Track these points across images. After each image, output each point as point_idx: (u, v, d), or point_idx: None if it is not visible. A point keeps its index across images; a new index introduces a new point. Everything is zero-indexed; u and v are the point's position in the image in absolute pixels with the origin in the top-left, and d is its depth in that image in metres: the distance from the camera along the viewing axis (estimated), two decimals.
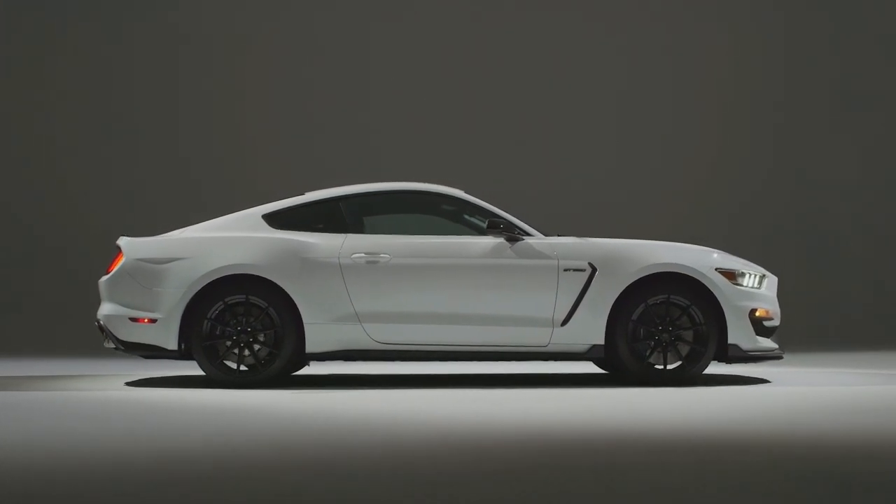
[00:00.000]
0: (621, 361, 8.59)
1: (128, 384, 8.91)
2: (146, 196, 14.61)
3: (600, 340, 8.55)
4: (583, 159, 14.99)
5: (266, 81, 15.03)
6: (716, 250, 8.98)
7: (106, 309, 8.68)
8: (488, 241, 8.65)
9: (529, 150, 15.03)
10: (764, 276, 8.91)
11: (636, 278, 8.56)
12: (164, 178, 14.71)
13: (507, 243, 8.64)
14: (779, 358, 8.91)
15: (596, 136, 15.08)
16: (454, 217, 8.93)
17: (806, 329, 12.81)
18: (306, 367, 10.05)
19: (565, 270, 8.59)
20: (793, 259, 14.47)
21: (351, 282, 8.55)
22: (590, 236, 8.85)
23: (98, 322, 8.76)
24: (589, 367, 10.07)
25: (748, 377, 9.41)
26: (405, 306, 8.53)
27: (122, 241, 8.80)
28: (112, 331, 8.63)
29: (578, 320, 8.54)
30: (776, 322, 8.87)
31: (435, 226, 8.93)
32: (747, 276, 8.77)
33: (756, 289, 8.78)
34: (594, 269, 8.58)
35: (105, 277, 8.75)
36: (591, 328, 8.54)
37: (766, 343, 8.73)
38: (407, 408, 7.42)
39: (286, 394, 8.17)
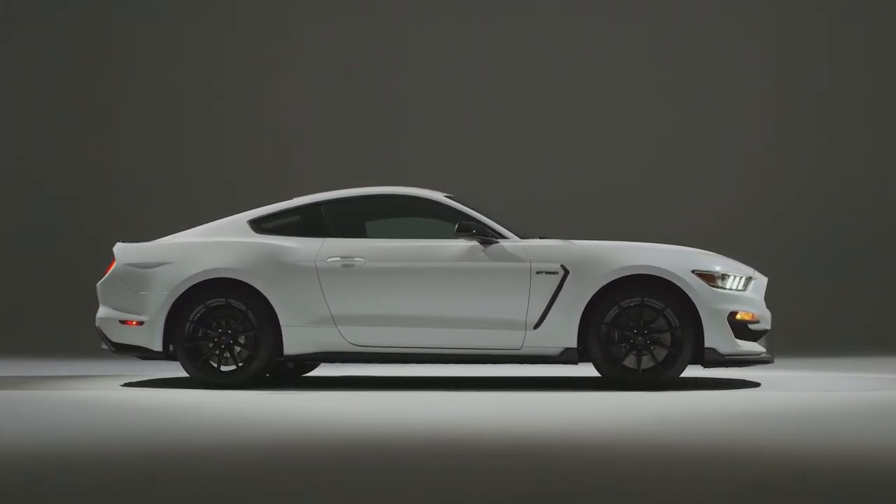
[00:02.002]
0: (595, 365, 8.52)
1: (124, 385, 9.24)
2: (167, 197, 14.95)
3: (573, 344, 8.48)
4: (614, 165, 14.80)
5: (302, 83, 15.26)
6: (700, 251, 8.81)
7: (100, 312, 9.04)
8: (462, 244, 8.67)
9: (565, 154, 14.90)
10: (751, 278, 8.68)
11: (608, 281, 8.47)
12: (191, 180, 15.05)
13: (480, 246, 8.64)
14: (767, 362, 8.68)
15: (632, 142, 14.86)
16: (435, 220, 8.97)
17: (829, 332, 12.42)
18: (317, 368, 10.25)
19: (538, 273, 8.55)
20: (821, 264, 14.03)
21: (327, 285, 8.69)
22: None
23: (96, 325, 9.13)
24: (570, 371, 9.96)
25: (736, 381, 9.18)
26: (379, 309, 8.63)
27: (116, 247, 9.15)
28: (105, 333, 8.98)
29: (551, 323, 8.49)
30: (764, 325, 8.63)
31: (419, 229, 9.00)
32: (731, 278, 8.56)
33: (740, 291, 8.56)
34: (566, 272, 8.52)
35: (100, 282, 9.11)
36: (563, 331, 8.48)
37: (750, 347, 8.51)
38: (379, 409, 7.53)
39: (266, 394, 8.35)
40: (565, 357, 8.52)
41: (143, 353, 8.88)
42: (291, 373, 9.91)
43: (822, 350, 11.68)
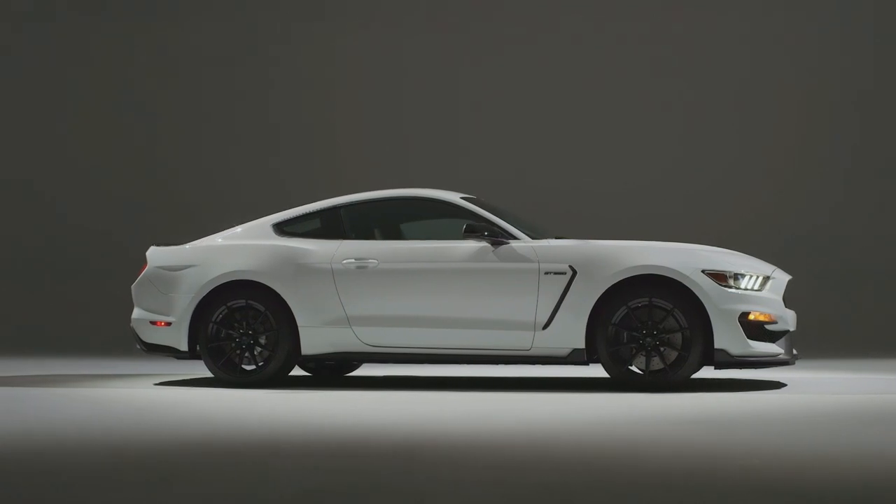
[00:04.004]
0: (603, 365, 8.46)
1: (157, 384, 9.56)
2: (219, 202, 15.22)
3: (581, 344, 8.44)
4: (648, 162, 14.54)
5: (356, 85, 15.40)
6: (716, 249, 8.67)
7: (134, 313, 9.39)
8: (472, 245, 8.71)
9: (601, 153, 14.70)
10: (768, 277, 8.49)
11: (615, 281, 8.40)
12: (244, 185, 15.30)
13: (490, 247, 8.67)
14: (785, 363, 8.49)
15: (671, 138, 14.58)
16: (452, 221, 9.03)
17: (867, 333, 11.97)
18: (360, 368, 10.42)
19: (546, 273, 8.53)
20: (860, 263, 13.53)
21: (342, 286, 8.84)
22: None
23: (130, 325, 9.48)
24: (579, 371, 9.86)
25: (760, 382, 8.97)
26: (391, 310, 8.74)
27: (149, 251, 9.48)
28: (138, 333, 9.33)
29: (559, 324, 8.47)
30: (783, 326, 8.44)
31: (437, 231, 9.08)
32: (745, 277, 8.39)
33: (755, 291, 8.39)
34: (574, 272, 8.48)
35: (133, 284, 9.46)
36: (571, 332, 8.45)
37: (764, 348, 8.33)
38: (391, 409, 7.65)
39: (282, 393, 8.55)
40: (574, 358, 8.49)
41: (173, 353, 9.18)
42: (334, 372, 10.09)
43: (859, 351, 11.29)
